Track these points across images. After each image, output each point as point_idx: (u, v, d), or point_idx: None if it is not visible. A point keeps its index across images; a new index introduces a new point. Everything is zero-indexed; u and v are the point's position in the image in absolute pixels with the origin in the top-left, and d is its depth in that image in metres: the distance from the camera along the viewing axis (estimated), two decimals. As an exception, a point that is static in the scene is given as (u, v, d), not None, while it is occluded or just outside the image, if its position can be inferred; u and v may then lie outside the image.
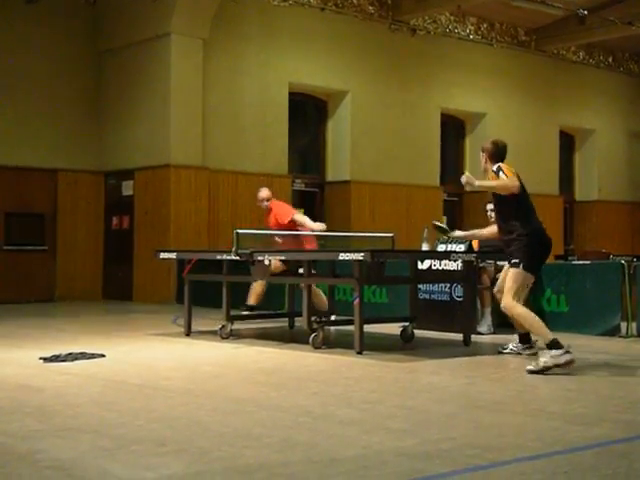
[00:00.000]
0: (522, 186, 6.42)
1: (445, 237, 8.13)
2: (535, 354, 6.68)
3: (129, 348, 7.75)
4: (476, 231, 7.85)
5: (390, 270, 8.21)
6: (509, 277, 6.40)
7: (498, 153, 6.74)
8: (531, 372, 6.03)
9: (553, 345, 6.06)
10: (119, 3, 14.25)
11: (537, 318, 6.28)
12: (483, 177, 6.84)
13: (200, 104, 13.82)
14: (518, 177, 6.45)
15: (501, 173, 6.46)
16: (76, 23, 14.42)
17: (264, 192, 9.82)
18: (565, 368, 5.99)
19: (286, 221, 9.44)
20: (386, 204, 16.17)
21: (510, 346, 7.11)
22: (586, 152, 20.44)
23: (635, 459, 3.70)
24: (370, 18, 16.12)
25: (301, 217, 9.63)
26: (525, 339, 6.99)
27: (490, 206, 9.57)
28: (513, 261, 6.36)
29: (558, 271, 9.12)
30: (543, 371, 6.00)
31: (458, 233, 7.69)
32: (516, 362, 6.65)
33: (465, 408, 4.83)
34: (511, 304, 6.30)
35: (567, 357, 6.01)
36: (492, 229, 7.30)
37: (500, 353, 7.11)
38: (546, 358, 6.04)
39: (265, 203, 9.78)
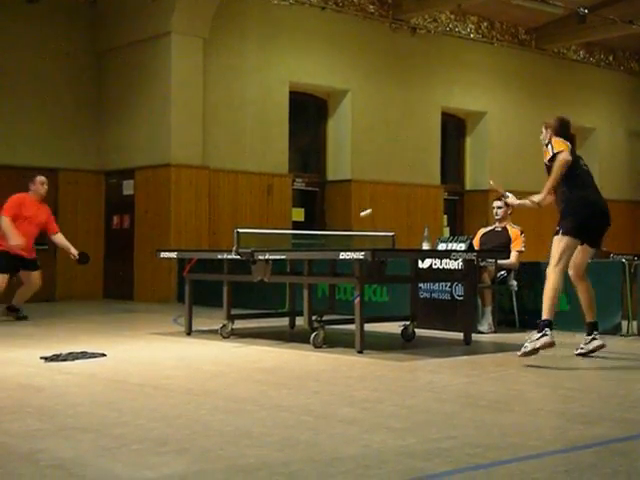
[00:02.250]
0: (574, 159, 6.46)
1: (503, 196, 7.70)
2: (603, 346, 6.73)
3: (130, 347, 7.75)
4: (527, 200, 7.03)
5: (391, 269, 8.21)
6: (552, 245, 6.47)
7: (562, 130, 6.66)
8: (519, 356, 6.30)
9: (539, 327, 6.22)
10: (119, 2, 14.26)
11: (555, 294, 6.33)
12: (541, 155, 6.70)
13: (200, 103, 13.82)
14: (571, 149, 6.47)
15: (549, 147, 6.46)
16: (76, 22, 14.43)
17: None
18: (545, 350, 6.21)
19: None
20: (387, 203, 16.16)
21: (581, 345, 6.86)
22: (587, 151, 20.37)
23: (636, 458, 3.70)
24: (370, 17, 16.12)
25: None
26: (590, 330, 6.80)
27: (497, 203, 9.59)
28: (556, 229, 6.48)
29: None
30: (527, 356, 6.23)
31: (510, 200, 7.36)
32: (517, 361, 6.64)
33: (466, 407, 4.83)
34: (549, 271, 6.40)
35: (543, 340, 6.17)
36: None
37: (576, 355, 6.82)
38: (527, 343, 6.26)
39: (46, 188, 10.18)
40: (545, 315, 6.27)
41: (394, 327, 8.23)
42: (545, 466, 3.54)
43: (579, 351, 6.82)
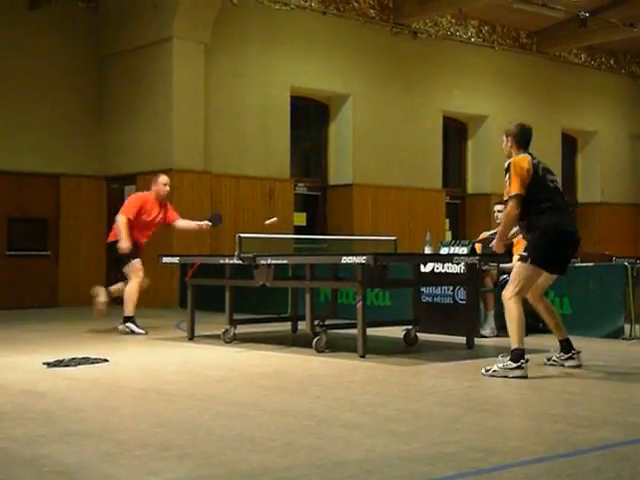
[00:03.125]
0: (537, 179, 6.08)
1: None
2: (579, 366, 6.38)
3: (132, 353, 7.75)
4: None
5: (393, 273, 8.21)
6: (514, 269, 6.22)
7: (523, 137, 6.31)
8: (483, 375, 6.00)
9: (514, 355, 5.93)
10: (121, 8, 14.28)
11: (521, 322, 6.00)
12: (502, 162, 6.35)
13: (202, 108, 13.84)
14: (533, 171, 6.09)
15: (507, 176, 6.09)
16: (78, 28, 14.45)
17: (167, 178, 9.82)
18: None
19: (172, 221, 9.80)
20: (388, 207, 16.17)
21: (553, 357, 6.57)
22: (588, 154, 20.44)
23: (639, 461, 3.69)
24: (371, 21, 16.13)
25: None
26: (566, 348, 6.49)
27: (498, 207, 9.59)
28: (521, 254, 6.18)
29: (561, 273, 9.11)
30: (494, 377, 5.93)
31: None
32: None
33: (469, 411, 4.83)
34: (508, 296, 6.08)
35: (517, 373, 5.88)
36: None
37: (545, 364, 6.54)
38: (498, 367, 5.96)
39: (167, 189, 9.73)
40: (516, 344, 5.95)
41: (396, 331, 8.22)
42: (548, 470, 3.54)
43: (551, 362, 6.52)
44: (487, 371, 6.02)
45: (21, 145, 13.81)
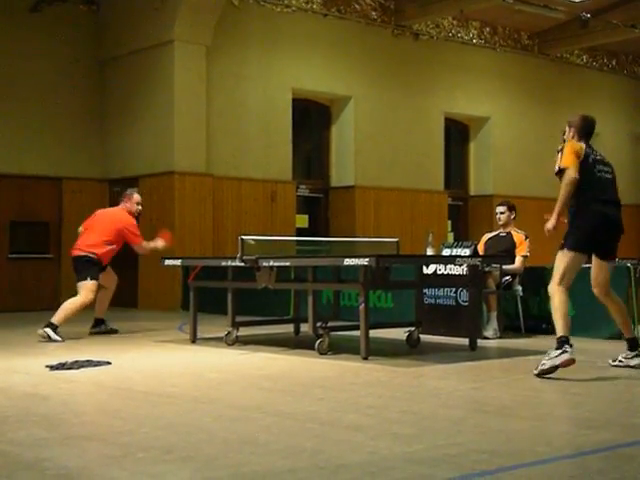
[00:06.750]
0: (585, 163, 6.16)
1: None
2: None
3: (135, 355, 7.75)
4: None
5: (395, 275, 8.20)
6: (556, 261, 6.18)
7: (585, 128, 6.44)
8: (536, 375, 5.93)
9: (557, 343, 5.90)
10: (122, 11, 14.30)
11: (564, 312, 6.00)
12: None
13: (204, 111, 13.84)
14: (582, 154, 6.18)
15: (559, 155, 6.18)
16: (79, 31, 14.47)
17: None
18: (565, 367, 5.85)
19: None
20: (390, 209, 16.17)
21: (620, 357, 6.47)
22: (590, 155, 20.39)
23: (643, 463, 3.68)
24: (373, 23, 16.14)
25: None
26: (633, 345, 6.42)
27: (499, 209, 9.59)
28: (561, 242, 6.16)
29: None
30: (544, 374, 5.87)
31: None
32: (523, 366, 6.62)
33: (472, 413, 4.82)
34: (552, 290, 6.12)
35: (564, 357, 5.83)
36: None
37: (611, 365, 6.47)
38: (545, 360, 5.92)
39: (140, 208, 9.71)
40: (560, 332, 5.94)
41: (399, 333, 8.21)
42: (552, 472, 3.53)
43: (617, 363, 6.45)
44: (537, 371, 5.90)
45: (23, 148, 13.82)
